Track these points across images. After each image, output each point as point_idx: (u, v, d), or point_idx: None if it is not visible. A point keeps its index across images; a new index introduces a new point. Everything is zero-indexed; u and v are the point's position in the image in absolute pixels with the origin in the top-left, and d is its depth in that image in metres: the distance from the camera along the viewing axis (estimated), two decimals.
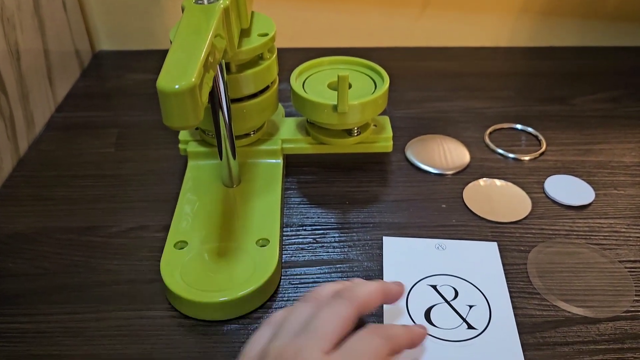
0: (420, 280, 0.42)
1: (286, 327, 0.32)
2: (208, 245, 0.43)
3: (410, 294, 0.41)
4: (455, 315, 0.40)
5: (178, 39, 0.34)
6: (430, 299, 0.41)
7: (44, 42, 0.60)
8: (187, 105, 0.30)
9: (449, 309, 0.40)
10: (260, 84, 0.46)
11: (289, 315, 0.33)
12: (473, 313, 0.40)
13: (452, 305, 0.40)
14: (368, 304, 0.34)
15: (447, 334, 0.38)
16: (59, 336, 0.39)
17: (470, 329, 0.39)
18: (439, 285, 0.42)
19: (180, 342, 0.39)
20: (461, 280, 0.42)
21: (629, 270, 0.43)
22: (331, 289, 0.35)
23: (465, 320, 0.39)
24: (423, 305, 0.40)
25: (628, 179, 0.53)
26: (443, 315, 0.40)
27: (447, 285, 0.42)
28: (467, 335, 0.38)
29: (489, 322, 0.39)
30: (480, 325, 0.39)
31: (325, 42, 0.74)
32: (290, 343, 0.31)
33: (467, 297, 0.41)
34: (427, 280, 0.42)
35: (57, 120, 0.61)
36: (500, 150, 0.56)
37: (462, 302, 0.40)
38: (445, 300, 0.41)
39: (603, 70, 0.70)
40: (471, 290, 0.41)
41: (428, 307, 0.40)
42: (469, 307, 0.40)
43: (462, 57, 0.73)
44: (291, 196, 0.51)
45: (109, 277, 0.43)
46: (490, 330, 0.39)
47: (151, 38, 0.74)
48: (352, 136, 0.50)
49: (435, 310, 0.40)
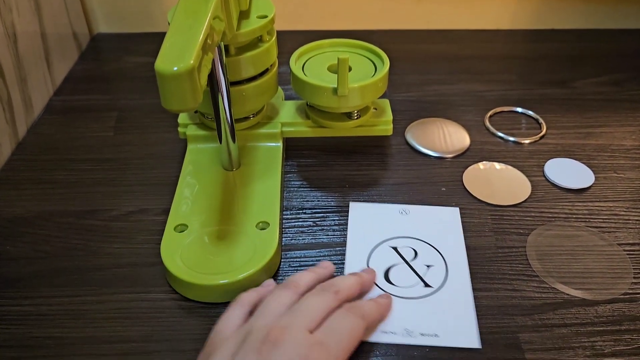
0: (383, 242, 0.44)
1: (269, 308, 0.34)
2: (208, 229, 0.43)
3: (371, 255, 0.43)
4: (413, 275, 0.41)
5: (176, 21, 0.34)
6: (390, 260, 0.43)
7: (41, 25, 0.60)
8: (185, 87, 0.30)
9: (408, 268, 0.42)
10: (259, 67, 0.46)
11: (269, 298, 0.35)
12: (430, 272, 0.42)
13: (411, 265, 0.42)
14: (350, 297, 0.36)
15: (404, 292, 0.40)
16: (60, 318, 0.39)
17: (427, 287, 0.41)
18: (399, 247, 0.44)
19: (180, 324, 0.39)
20: (421, 242, 0.44)
21: (627, 253, 0.44)
22: (308, 277, 0.37)
23: (423, 279, 0.41)
24: (383, 265, 0.42)
25: (628, 163, 0.52)
26: (401, 275, 0.41)
27: (408, 247, 0.44)
28: (423, 292, 0.40)
29: (444, 281, 0.41)
30: (436, 283, 0.41)
31: (325, 25, 0.74)
32: (276, 321, 0.32)
33: (426, 258, 0.43)
34: (389, 242, 0.44)
35: (56, 104, 0.61)
36: (500, 134, 0.56)
37: (420, 262, 0.42)
38: (405, 260, 0.42)
39: (605, 53, 0.69)
40: (430, 251, 0.43)
41: (388, 267, 0.42)
42: (427, 267, 0.42)
43: (463, 39, 0.73)
44: (291, 179, 0.51)
45: (109, 260, 0.43)
46: (445, 289, 0.40)
47: (149, 20, 0.73)
48: (352, 119, 0.50)
49: (395, 269, 0.42)
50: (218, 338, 0.33)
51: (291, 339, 0.31)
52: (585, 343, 0.37)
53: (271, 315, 0.33)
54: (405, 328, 0.38)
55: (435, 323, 0.38)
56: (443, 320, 0.38)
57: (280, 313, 0.33)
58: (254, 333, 0.32)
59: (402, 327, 0.38)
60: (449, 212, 0.47)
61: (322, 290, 0.35)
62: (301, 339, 0.31)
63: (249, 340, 0.31)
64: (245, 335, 0.32)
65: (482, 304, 0.40)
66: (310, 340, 0.32)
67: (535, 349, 0.37)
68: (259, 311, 0.34)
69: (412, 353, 0.37)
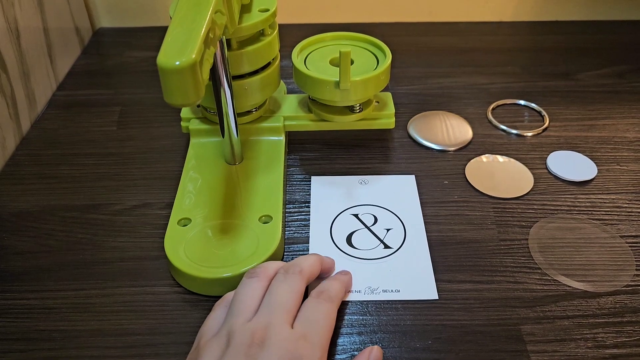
0: (344, 211, 0.46)
1: (242, 303, 0.34)
2: (211, 222, 0.43)
3: (334, 223, 0.45)
4: (374, 238, 0.44)
5: (177, 15, 0.34)
6: (352, 226, 0.45)
7: (44, 20, 0.60)
8: (187, 82, 0.30)
9: (369, 233, 0.45)
10: (261, 61, 0.46)
11: (239, 291, 0.35)
12: (390, 235, 0.44)
13: (372, 230, 0.45)
14: (313, 274, 0.38)
15: (366, 254, 0.43)
16: (65, 312, 0.40)
17: (387, 248, 0.43)
18: (360, 214, 0.46)
19: (184, 317, 0.39)
20: (380, 209, 0.47)
21: (630, 245, 0.44)
22: (275, 265, 0.38)
23: (382, 241, 0.44)
24: (345, 231, 0.45)
25: (631, 155, 0.52)
26: (363, 239, 0.44)
27: (368, 213, 0.46)
28: (383, 253, 0.43)
29: (403, 241, 0.44)
30: (396, 244, 0.44)
31: (327, 18, 0.74)
32: (257, 321, 0.32)
33: (385, 222, 0.45)
34: (350, 210, 0.47)
35: (59, 99, 0.61)
36: (503, 126, 0.55)
37: (380, 227, 0.45)
38: (366, 225, 0.45)
39: (608, 45, 0.69)
40: (389, 216, 0.46)
41: (350, 233, 0.45)
42: (387, 231, 0.45)
43: (465, 32, 0.73)
44: (293, 173, 0.51)
45: (113, 254, 0.44)
46: (404, 249, 0.43)
47: (151, 14, 0.73)
48: (354, 113, 0.50)
49: (356, 235, 0.44)
50: (203, 341, 0.33)
51: (276, 337, 0.31)
52: (587, 335, 0.37)
53: (246, 311, 0.33)
54: (368, 286, 0.41)
55: (396, 280, 0.41)
56: (403, 276, 0.41)
57: (255, 307, 0.34)
58: (237, 336, 0.32)
59: (366, 286, 0.41)
60: (405, 179, 0.49)
61: (286, 273, 0.36)
62: (286, 335, 0.32)
63: (233, 344, 0.31)
64: (228, 337, 0.32)
65: (484, 296, 0.40)
66: (294, 334, 0.32)
67: (537, 341, 0.37)
68: (233, 307, 0.34)
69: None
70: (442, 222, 0.46)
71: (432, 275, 0.41)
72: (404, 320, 0.39)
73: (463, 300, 0.40)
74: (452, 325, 0.38)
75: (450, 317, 0.39)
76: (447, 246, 0.44)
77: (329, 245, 0.44)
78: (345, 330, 0.38)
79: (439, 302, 0.40)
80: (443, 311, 0.39)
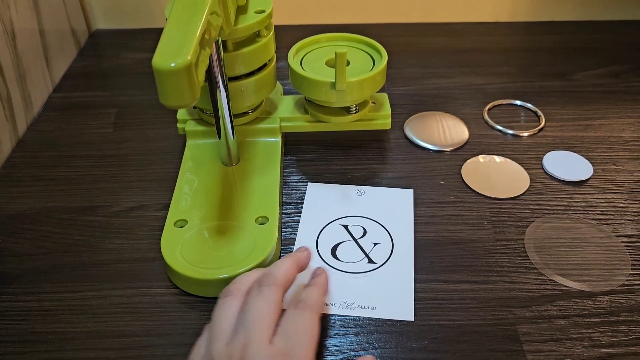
0: (334, 221, 0.46)
1: (220, 326, 0.33)
2: (208, 224, 0.43)
3: (322, 232, 0.45)
4: (360, 251, 0.43)
5: (173, 17, 0.34)
6: (339, 237, 0.44)
7: (39, 22, 0.60)
8: (183, 83, 0.30)
9: (355, 245, 0.44)
10: (257, 62, 0.46)
11: (215, 314, 0.34)
12: (376, 250, 0.43)
13: (358, 243, 0.44)
14: (289, 281, 0.35)
15: (348, 267, 0.42)
16: (62, 314, 0.39)
17: (371, 263, 0.42)
18: (350, 225, 0.45)
19: (181, 319, 0.39)
20: (372, 222, 0.46)
21: (625, 245, 0.44)
22: (250, 278, 0.36)
23: (368, 255, 0.43)
24: (331, 242, 0.44)
25: (627, 154, 0.53)
26: (348, 251, 0.43)
27: (358, 225, 0.45)
28: (366, 268, 0.42)
29: (388, 258, 0.43)
30: (381, 260, 0.43)
31: (323, 19, 0.74)
32: (234, 341, 0.31)
33: (373, 236, 0.44)
34: (340, 220, 0.46)
35: (55, 101, 0.61)
36: (499, 127, 0.56)
37: (368, 240, 0.44)
38: (353, 237, 0.44)
39: (604, 45, 0.69)
40: (379, 230, 0.45)
41: (335, 244, 0.44)
42: (374, 245, 0.44)
43: (461, 32, 0.73)
44: (290, 174, 0.51)
45: (110, 256, 0.44)
46: (388, 265, 0.42)
47: (147, 16, 0.73)
48: (351, 114, 0.50)
49: (342, 246, 0.44)
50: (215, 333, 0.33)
51: (256, 357, 0.30)
52: (583, 334, 0.38)
53: (224, 334, 0.32)
54: (344, 300, 0.40)
55: (374, 296, 0.40)
56: (382, 294, 0.40)
57: (232, 327, 0.32)
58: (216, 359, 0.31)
59: (342, 300, 0.40)
60: (402, 193, 0.48)
61: (260, 286, 0.34)
62: (265, 353, 0.30)
63: None
64: None
65: (480, 296, 0.40)
66: (274, 351, 0.31)
67: (534, 341, 0.37)
68: (211, 331, 0.33)
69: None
70: (438, 223, 0.46)
71: (411, 296, 0.40)
72: (399, 320, 0.39)
73: (459, 300, 0.40)
74: (449, 326, 0.38)
75: (447, 317, 0.39)
76: (443, 246, 0.44)
77: (313, 255, 0.41)
78: (341, 331, 0.38)
79: (435, 303, 0.40)
80: (439, 311, 0.39)
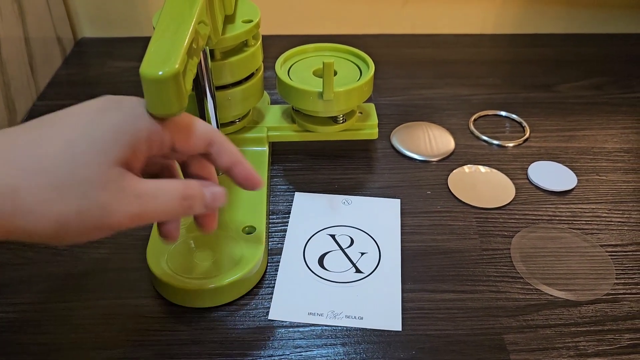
0: (321, 230, 0.46)
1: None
2: (194, 233, 0.43)
3: (309, 241, 0.45)
4: (347, 261, 0.43)
5: (161, 25, 0.34)
6: (326, 246, 0.44)
7: (25, 29, 0.60)
8: (170, 92, 0.30)
9: (342, 255, 0.44)
10: (245, 71, 0.46)
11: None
12: (363, 259, 0.43)
13: (346, 252, 0.44)
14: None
15: (335, 277, 0.42)
16: (45, 324, 0.39)
17: (358, 272, 0.42)
18: (337, 235, 0.45)
19: (167, 330, 0.39)
20: (359, 231, 0.46)
21: (609, 254, 0.44)
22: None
23: (355, 265, 0.43)
24: (319, 251, 0.44)
25: (610, 165, 0.53)
26: (335, 261, 0.43)
27: (345, 235, 0.45)
28: (353, 278, 0.42)
29: (376, 267, 0.43)
30: (368, 269, 0.43)
31: (310, 29, 0.74)
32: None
33: (361, 246, 0.45)
34: (327, 230, 0.46)
35: (40, 109, 0.61)
36: (484, 137, 0.56)
37: (355, 250, 0.44)
38: (340, 247, 0.44)
39: (587, 58, 0.70)
40: (366, 239, 0.45)
41: (323, 253, 0.44)
42: (361, 254, 0.44)
43: (447, 44, 0.73)
44: (277, 184, 0.51)
45: (94, 265, 0.43)
46: (375, 275, 0.42)
47: (134, 25, 0.73)
48: (338, 123, 0.50)
49: (329, 256, 0.44)
50: None
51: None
52: (569, 343, 0.38)
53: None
54: (331, 310, 0.40)
55: (361, 306, 0.40)
56: (369, 303, 0.40)
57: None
58: None
59: (329, 310, 0.40)
60: (389, 203, 0.48)
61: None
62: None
63: None
64: None
65: (467, 306, 0.40)
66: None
67: (520, 350, 0.37)
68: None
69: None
70: (425, 232, 0.46)
71: (399, 305, 0.40)
72: (387, 330, 0.39)
73: (447, 310, 0.40)
74: (436, 335, 0.38)
75: (434, 327, 0.39)
76: (430, 256, 0.44)
77: (300, 264, 0.43)
78: (329, 341, 0.38)
79: (422, 312, 0.40)
80: (426, 321, 0.39)
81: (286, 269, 0.43)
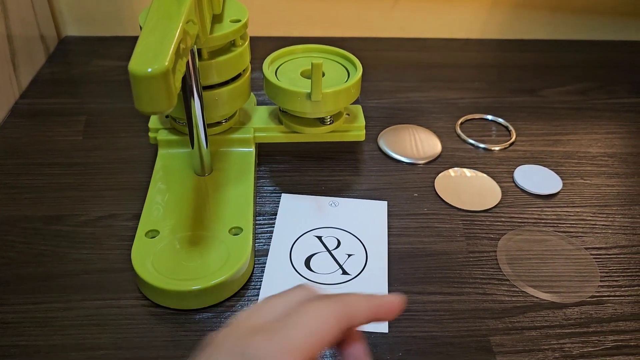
0: (308, 232, 0.46)
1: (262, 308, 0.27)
2: (180, 234, 0.42)
3: (295, 243, 0.45)
4: (334, 262, 0.43)
5: (149, 24, 0.33)
6: (313, 248, 0.44)
7: (7, 27, 0.59)
8: (160, 89, 0.30)
9: (329, 256, 0.44)
10: (232, 71, 0.46)
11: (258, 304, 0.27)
12: (350, 261, 0.43)
13: (332, 254, 0.44)
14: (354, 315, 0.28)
15: (322, 278, 0.42)
16: (26, 326, 0.38)
17: (345, 274, 0.42)
18: (324, 237, 0.45)
19: (151, 331, 0.38)
20: (346, 233, 0.46)
21: (594, 257, 0.45)
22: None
23: (342, 266, 0.43)
24: (305, 253, 0.44)
25: (594, 169, 0.54)
26: (322, 262, 0.43)
27: (332, 236, 0.45)
28: (340, 279, 0.42)
29: (363, 269, 0.43)
30: (355, 271, 0.43)
31: (299, 32, 0.74)
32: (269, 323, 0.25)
33: (347, 247, 0.44)
34: (314, 231, 0.46)
35: (22, 107, 0.60)
36: (471, 141, 0.56)
37: (342, 252, 0.44)
38: (327, 249, 0.44)
39: (572, 64, 0.71)
40: (353, 241, 0.45)
41: (309, 255, 0.44)
42: (348, 256, 0.44)
43: (434, 48, 0.74)
44: (264, 185, 0.50)
45: (77, 266, 0.42)
46: (362, 277, 0.42)
47: (119, 24, 0.72)
48: (325, 125, 0.50)
49: (316, 257, 0.43)
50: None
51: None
52: (554, 345, 0.38)
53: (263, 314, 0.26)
54: None
55: None
56: None
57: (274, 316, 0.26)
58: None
59: None
60: (376, 205, 0.48)
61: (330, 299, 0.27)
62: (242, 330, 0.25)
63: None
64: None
65: (454, 308, 0.40)
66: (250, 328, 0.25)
67: (506, 352, 0.37)
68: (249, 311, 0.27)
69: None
70: (412, 234, 0.46)
71: None
72: (373, 332, 0.38)
73: (433, 312, 0.40)
74: (422, 337, 0.38)
75: (421, 329, 0.39)
76: (416, 258, 0.44)
77: (287, 266, 0.43)
78: None
79: (409, 314, 0.40)
80: (413, 323, 0.39)
81: (272, 270, 0.42)
